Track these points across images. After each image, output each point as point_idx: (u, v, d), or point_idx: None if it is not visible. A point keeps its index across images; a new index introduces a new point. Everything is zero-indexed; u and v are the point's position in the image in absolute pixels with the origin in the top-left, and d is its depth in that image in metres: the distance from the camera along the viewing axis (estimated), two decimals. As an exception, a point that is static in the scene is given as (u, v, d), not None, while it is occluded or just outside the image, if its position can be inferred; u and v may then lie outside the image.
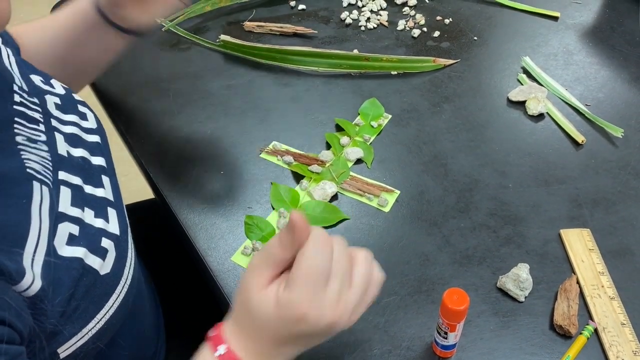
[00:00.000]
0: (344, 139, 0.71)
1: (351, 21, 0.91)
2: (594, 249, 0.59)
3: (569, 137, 0.72)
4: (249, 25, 0.89)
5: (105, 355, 0.49)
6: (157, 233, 0.85)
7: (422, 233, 0.61)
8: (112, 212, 0.46)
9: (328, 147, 0.71)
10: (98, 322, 0.42)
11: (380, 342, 0.52)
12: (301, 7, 0.94)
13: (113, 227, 0.45)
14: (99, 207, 0.45)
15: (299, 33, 0.88)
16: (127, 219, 0.49)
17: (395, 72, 0.81)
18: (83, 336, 0.41)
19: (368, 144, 0.71)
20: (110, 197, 0.47)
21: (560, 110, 0.75)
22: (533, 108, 0.74)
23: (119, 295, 0.44)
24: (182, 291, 0.80)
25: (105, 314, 0.43)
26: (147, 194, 0.79)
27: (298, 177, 0.67)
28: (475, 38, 0.88)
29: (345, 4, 0.95)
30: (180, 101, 0.77)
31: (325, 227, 0.62)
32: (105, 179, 0.48)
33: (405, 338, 0.53)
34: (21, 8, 2.31)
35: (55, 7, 0.95)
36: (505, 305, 0.55)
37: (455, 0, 0.96)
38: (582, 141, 0.71)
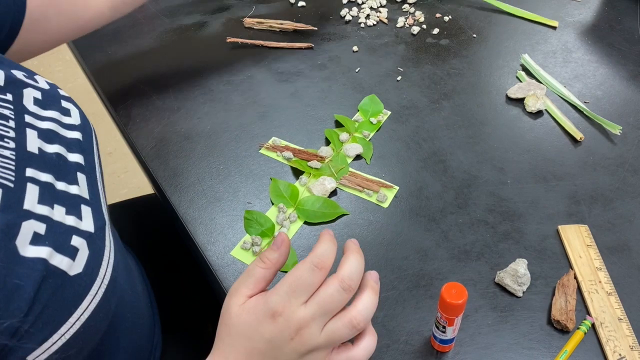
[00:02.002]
0: (344, 135, 0.71)
1: (351, 18, 0.92)
2: (591, 245, 0.59)
3: (567, 134, 0.72)
4: (248, 21, 0.89)
5: (98, 355, 0.48)
6: (156, 228, 0.86)
7: (421, 228, 0.61)
8: (86, 210, 0.44)
9: (327, 143, 0.71)
10: (72, 326, 0.40)
11: (379, 337, 0.52)
12: (301, 3, 0.94)
13: (86, 224, 0.43)
14: (72, 204, 0.43)
15: (298, 30, 0.88)
16: (105, 216, 0.47)
17: (400, 70, 0.81)
18: (55, 342, 0.39)
19: (367, 140, 0.71)
20: (85, 195, 0.45)
21: (558, 108, 0.75)
22: (532, 105, 0.74)
23: (94, 296, 0.42)
24: (180, 286, 0.81)
25: (80, 317, 0.40)
26: (147, 189, 0.79)
27: (297, 173, 0.67)
28: (475, 35, 0.88)
29: (345, 1, 0.95)
30: (180, 97, 0.77)
31: (325, 223, 0.62)
32: (81, 177, 0.46)
33: (404, 332, 0.53)
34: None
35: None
36: (503, 300, 0.55)
37: (454, -2, 0.96)
38: (581, 138, 0.71)
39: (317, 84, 0.79)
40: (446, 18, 0.92)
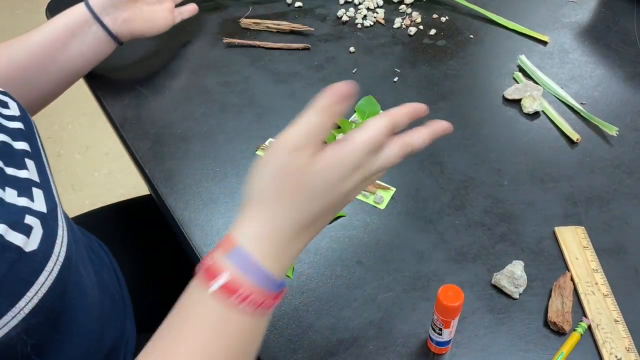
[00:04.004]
0: (340, 137, 0.71)
1: (347, 19, 0.92)
2: (588, 247, 0.59)
3: (564, 136, 0.72)
4: (245, 22, 0.89)
5: (53, 340, 0.49)
6: (152, 229, 0.85)
7: (418, 230, 0.61)
8: (37, 192, 0.46)
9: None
10: (30, 301, 0.42)
11: (376, 339, 0.53)
12: (298, 4, 0.94)
13: (39, 205, 0.45)
14: (23, 187, 0.45)
15: (295, 30, 0.88)
16: (56, 199, 0.49)
17: (397, 71, 0.81)
18: (15, 315, 0.41)
19: (364, 141, 0.71)
20: (36, 179, 0.47)
21: (555, 109, 0.75)
22: (528, 106, 0.74)
23: (50, 272, 0.44)
24: (169, 287, 0.80)
25: (38, 292, 0.42)
26: (143, 189, 0.79)
27: (294, 174, 0.67)
28: (472, 36, 0.88)
29: (341, 2, 0.95)
30: (176, 98, 0.77)
31: (321, 224, 0.62)
32: (30, 162, 0.48)
33: (400, 334, 0.53)
34: (17, 5, 2.30)
35: (50, 5, 0.95)
36: (499, 302, 0.55)
37: (451, -1, 0.96)
38: (577, 139, 0.71)
39: (314, 84, 0.79)
40: (443, 19, 0.91)
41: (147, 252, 0.83)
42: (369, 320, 0.54)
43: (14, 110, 0.52)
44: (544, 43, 0.86)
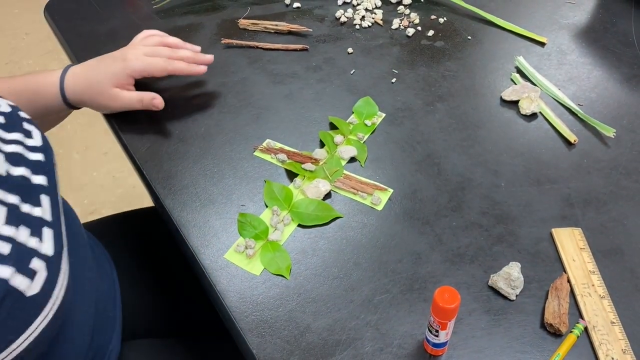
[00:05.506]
0: (338, 138, 0.71)
1: (346, 19, 0.92)
2: (585, 248, 0.59)
3: (561, 137, 0.72)
4: (243, 22, 0.89)
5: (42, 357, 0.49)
6: (157, 239, 0.85)
7: (415, 231, 0.61)
8: (47, 232, 0.46)
9: (322, 145, 0.71)
10: (22, 343, 0.42)
11: (372, 340, 0.53)
12: (296, 5, 0.94)
13: (46, 247, 0.45)
14: (35, 226, 0.45)
15: (293, 31, 0.88)
16: (64, 239, 0.48)
17: (395, 72, 0.81)
18: (5, 357, 0.41)
19: (362, 142, 0.71)
20: (48, 217, 0.47)
21: (553, 110, 0.75)
22: (526, 107, 0.75)
23: (46, 316, 0.44)
24: (170, 295, 0.80)
25: (30, 335, 0.42)
26: (141, 189, 0.79)
27: (291, 175, 0.67)
28: (470, 38, 0.88)
29: (340, 2, 0.95)
30: (174, 98, 0.77)
31: (319, 225, 0.62)
32: (45, 198, 0.47)
33: (397, 336, 0.53)
34: (16, 4, 2.30)
35: (48, 6, 0.95)
36: (496, 304, 0.55)
37: (449, 0, 0.96)
38: (575, 141, 0.71)
39: (312, 85, 0.79)
40: (441, 20, 0.92)
41: (146, 260, 0.83)
42: (366, 322, 0.54)
43: (37, 140, 0.51)
44: (542, 44, 0.86)
